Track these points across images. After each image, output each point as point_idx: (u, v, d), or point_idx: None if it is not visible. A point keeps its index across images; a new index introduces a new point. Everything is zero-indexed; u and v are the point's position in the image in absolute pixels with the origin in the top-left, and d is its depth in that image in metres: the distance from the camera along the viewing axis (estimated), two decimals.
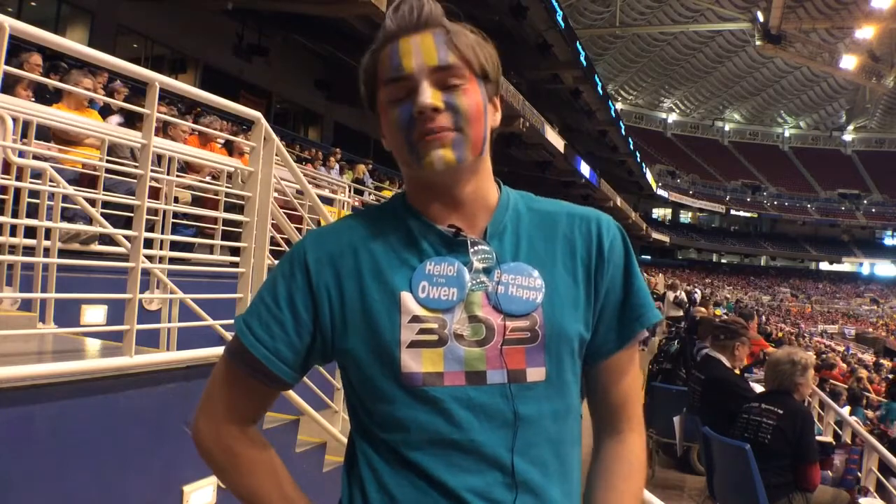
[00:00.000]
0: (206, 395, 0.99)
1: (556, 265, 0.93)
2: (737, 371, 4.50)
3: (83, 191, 3.19)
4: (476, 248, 0.92)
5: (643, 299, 0.97)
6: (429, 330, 0.88)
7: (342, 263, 0.92)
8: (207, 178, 5.03)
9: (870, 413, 10.15)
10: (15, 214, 2.83)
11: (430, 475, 0.86)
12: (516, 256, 0.93)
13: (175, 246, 4.04)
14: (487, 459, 0.86)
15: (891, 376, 17.58)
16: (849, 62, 51.16)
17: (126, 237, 2.46)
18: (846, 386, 11.71)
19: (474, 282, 0.90)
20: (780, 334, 20.51)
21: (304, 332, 0.92)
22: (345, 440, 3.07)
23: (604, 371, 0.98)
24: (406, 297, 0.89)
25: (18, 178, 2.76)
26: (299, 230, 4.46)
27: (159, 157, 3.95)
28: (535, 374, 0.88)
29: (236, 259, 2.89)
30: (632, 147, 33.42)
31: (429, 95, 0.87)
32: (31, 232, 3.00)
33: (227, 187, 3.97)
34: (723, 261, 60.37)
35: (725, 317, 7.29)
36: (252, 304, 0.95)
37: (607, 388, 0.99)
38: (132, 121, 4.78)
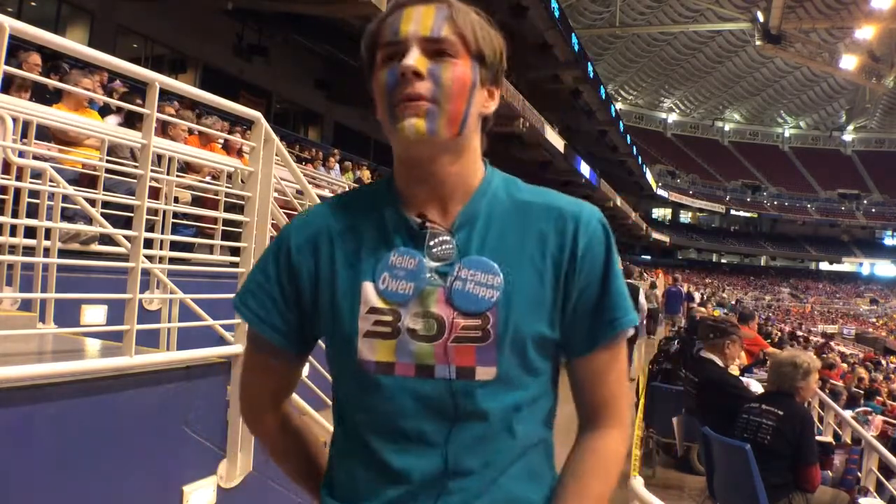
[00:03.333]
0: (239, 383, 1.10)
1: (523, 261, 0.92)
2: (732, 370, 4.50)
3: (83, 191, 3.19)
4: (436, 240, 0.92)
5: (618, 302, 0.95)
6: (383, 322, 0.90)
7: (321, 250, 0.96)
8: (207, 178, 5.03)
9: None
10: (15, 214, 2.83)
11: (380, 456, 0.91)
12: (482, 250, 0.92)
13: (175, 246, 4.04)
14: (432, 446, 0.89)
15: (893, 376, 17.61)
16: (849, 62, 51.15)
17: (126, 237, 2.46)
18: (844, 385, 11.71)
19: (432, 276, 0.91)
20: (781, 334, 20.48)
21: (292, 307, 0.98)
22: None
23: (581, 370, 0.97)
24: (368, 287, 0.92)
25: (18, 178, 2.76)
26: None
27: (159, 157, 3.94)
28: (485, 372, 0.89)
29: (236, 259, 2.89)
30: (632, 147, 33.41)
31: (413, 59, 0.88)
32: (31, 232, 3.00)
33: (227, 187, 3.97)
34: (723, 261, 60.33)
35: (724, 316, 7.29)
36: (246, 282, 1.01)
37: (586, 388, 0.98)
38: (131, 121, 4.78)
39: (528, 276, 0.92)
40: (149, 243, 3.43)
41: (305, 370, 1.97)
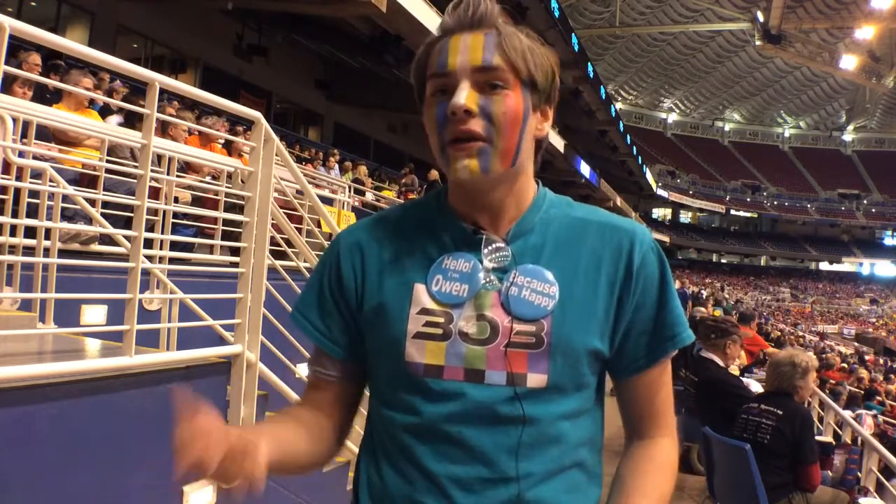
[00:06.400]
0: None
1: (578, 274, 0.92)
2: (733, 370, 4.49)
3: (83, 191, 3.19)
4: (491, 247, 0.92)
5: (676, 318, 0.95)
6: (434, 323, 0.90)
7: (368, 251, 0.96)
8: (207, 179, 5.02)
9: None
10: (15, 214, 2.82)
11: (417, 460, 0.89)
12: (537, 259, 0.92)
13: (175, 246, 4.04)
14: (475, 454, 0.87)
15: (892, 376, 17.62)
16: (849, 62, 51.17)
17: (126, 237, 2.46)
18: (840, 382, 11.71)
19: (487, 281, 0.91)
20: (777, 333, 20.49)
21: (346, 316, 0.97)
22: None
23: (634, 387, 0.98)
24: (419, 288, 0.91)
25: (18, 178, 2.76)
26: (299, 230, 4.46)
27: (159, 157, 3.94)
28: (536, 380, 0.88)
29: (236, 259, 2.89)
30: (632, 147, 33.40)
31: (464, 97, 0.86)
32: (31, 232, 3.00)
33: (227, 187, 3.97)
34: (723, 261, 60.33)
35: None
36: (303, 294, 1.00)
37: (638, 404, 0.99)
38: (132, 121, 4.77)
39: (583, 288, 0.91)
40: (149, 243, 3.43)
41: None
